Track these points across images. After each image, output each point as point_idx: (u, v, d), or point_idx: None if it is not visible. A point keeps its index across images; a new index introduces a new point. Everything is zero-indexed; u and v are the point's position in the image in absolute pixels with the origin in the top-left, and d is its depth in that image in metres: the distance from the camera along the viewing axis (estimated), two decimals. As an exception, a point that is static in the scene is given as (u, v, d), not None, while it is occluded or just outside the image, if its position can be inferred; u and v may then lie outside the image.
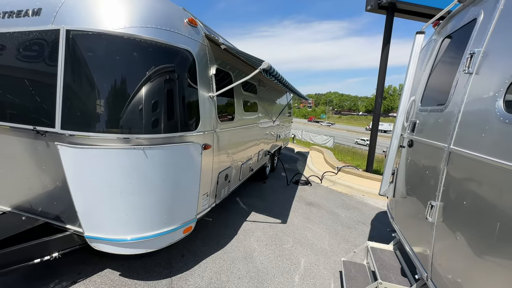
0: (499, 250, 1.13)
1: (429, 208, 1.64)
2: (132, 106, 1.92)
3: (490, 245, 1.18)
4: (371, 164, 7.06)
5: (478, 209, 1.27)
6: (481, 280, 1.23)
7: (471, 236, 1.32)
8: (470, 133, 1.38)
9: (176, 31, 2.20)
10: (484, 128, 1.25)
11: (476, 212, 1.29)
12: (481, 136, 1.26)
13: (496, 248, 1.15)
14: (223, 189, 3.26)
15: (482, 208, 1.24)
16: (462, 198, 1.39)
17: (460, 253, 1.38)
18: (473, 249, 1.29)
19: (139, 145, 1.95)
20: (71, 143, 1.87)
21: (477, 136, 1.31)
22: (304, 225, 3.93)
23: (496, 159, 1.13)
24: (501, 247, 1.12)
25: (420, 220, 1.84)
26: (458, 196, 1.43)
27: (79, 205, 2.03)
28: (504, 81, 1.17)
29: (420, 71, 2.36)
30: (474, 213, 1.30)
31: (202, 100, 2.45)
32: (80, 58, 1.84)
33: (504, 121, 1.13)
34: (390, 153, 2.50)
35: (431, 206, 1.62)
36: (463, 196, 1.39)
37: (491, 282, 1.17)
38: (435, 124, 1.80)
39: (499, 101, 1.17)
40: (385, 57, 6.53)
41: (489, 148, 1.20)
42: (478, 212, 1.27)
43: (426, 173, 1.82)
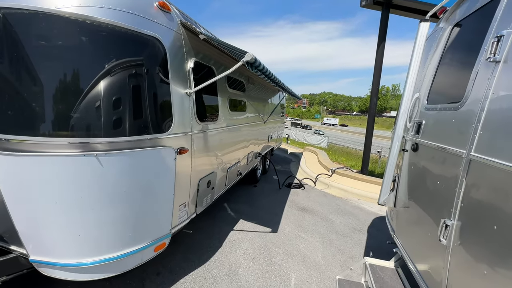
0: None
1: (443, 227, 1.35)
2: (82, 104, 1.57)
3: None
4: (366, 166, 6.82)
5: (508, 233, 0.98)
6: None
7: (501, 267, 1.03)
8: (499, 136, 1.09)
9: (142, 15, 1.85)
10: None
11: (508, 236, 1.00)
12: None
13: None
14: (205, 198, 2.92)
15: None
16: (488, 218, 1.10)
17: (487, 285, 1.09)
18: (504, 284, 1.00)
19: (90, 151, 1.60)
20: (5, 149, 1.51)
21: (509, 141, 1.01)
22: (296, 234, 3.62)
23: None
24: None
25: (429, 239, 1.55)
26: (483, 215, 1.14)
27: (19, 224, 1.66)
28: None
29: (425, 65, 2.08)
30: (506, 238, 1.01)
31: (176, 97, 2.11)
32: (15, 43, 1.48)
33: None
34: (390, 157, 2.21)
35: (445, 226, 1.33)
36: (489, 216, 1.10)
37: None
38: (447, 125, 1.51)
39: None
40: (381, 54, 6.29)
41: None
42: (508, 235, 0.98)
43: (437, 183, 1.53)
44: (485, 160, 1.12)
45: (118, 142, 1.70)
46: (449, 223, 1.31)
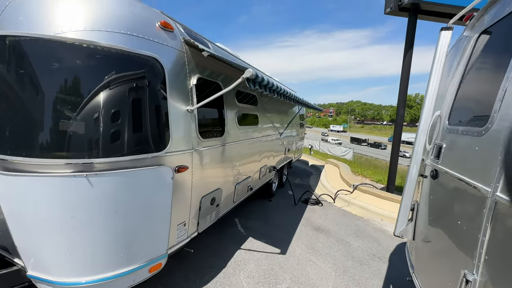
0: None
1: (463, 281, 1.09)
2: (77, 125, 1.60)
3: None
4: (392, 183, 6.26)
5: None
6: None
7: None
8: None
9: (141, 36, 1.88)
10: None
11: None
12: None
13: None
14: (209, 215, 2.83)
15: None
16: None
17: None
18: None
19: (86, 172, 1.60)
20: (6, 169, 1.58)
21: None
22: (307, 258, 3.36)
23: None
24: None
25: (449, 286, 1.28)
26: None
27: (17, 240, 1.72)
28: None
29: (447, 78, 1.81)
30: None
31: (174, 116, 2.08)
32: (16, 68, 1.56)
33: None
34: (408, 183, 1.93)
35: (466, 281, 1.07)
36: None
37: None
38: (469, 153, 1.26)
39: None
40: (408, 63, 5.85)
41: None
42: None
43: (458, 223, 1.27)
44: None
45: (111, 162, 1.69)
46: (470, 278, 1.05)
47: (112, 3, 1.82)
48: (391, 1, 5.81)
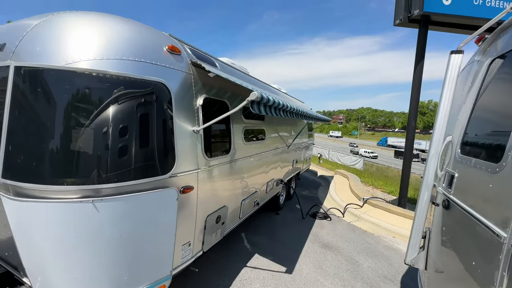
0: None
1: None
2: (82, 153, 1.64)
3: None
4: (404, 196, 6.05)
5: None
6: None
7: None
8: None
9: (148, 61, 1.92)
10: None
11: None
12: None
13: None
14: (214, 234, 2.81)
15: None
16: None
17: None
18: None
19: (91, 197, 1.63)
20: (17, 193, 1.62)
21: None
22: (314, 278, 3.26)
23: None
24: None
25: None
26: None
27: (25, 261, 1.76)
28: None
29: (460, 102, 1.75)
30: None
31: (180, 137, 2.10)
32: (28, 97, 1.62)
33: None
34: (418, 209, 1.86)
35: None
36: None
37: None
38: (483, 189, 1.20)
39: None
40: (419, 74, 5.73)
41: None
42: None
43: (472, 264, 1.19)
44: (533, 257, 0.81)
45: (117, 187, 1.71)
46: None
47: (122, 31, 1.88)
48: (400, 13, 5.76)
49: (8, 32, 1.85)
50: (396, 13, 5.92)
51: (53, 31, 1.72)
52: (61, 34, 1.69)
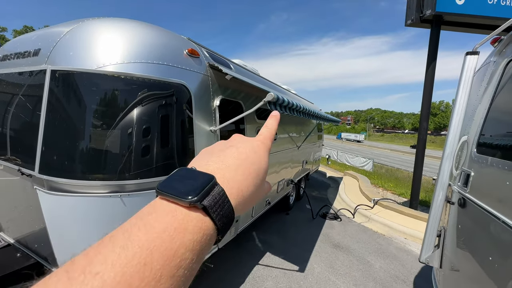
0: None
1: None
2: (115, 151, 1.75)
3: None
4: (416, 199, 5.99)
5: None
6: None
7: None
8: None
9: (171, 64, 2.03)
10: None
11: None
12: None
13: None
14: (228, 231, 2.89)
15: None
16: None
17: None
18: None
19: (120, 192, 1.74)
20: (51, 188, 1.75)
21: None
22: (326, 277, 3.30)
23: None
24: None
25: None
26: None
27: (58, 253, 1.87)
28: None
29: (475, 102, 1.77)
30: None
31: (199, 136, 2.20)
32: (63, 99, 1.75)
33: None
34: (433, 208, 1.88)
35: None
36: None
37: None
38: (501, 187, 1.23)
39: None
40: (431, 76, 5.68)
41: None
42: None
43: (489, 259, 1.23)
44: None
45: (143, 183, 1.82)
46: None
47: (146, 36, 1.99)
48: (412, 13, 5.73)
49: (43, 38, 1.98)
50: (407, 13, 5.89)
51: (84, 37, 1.83)
52: (91, 40, 1.81)
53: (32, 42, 2.05)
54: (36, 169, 1.73)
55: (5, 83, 2.09)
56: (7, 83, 2.08)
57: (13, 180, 2.12)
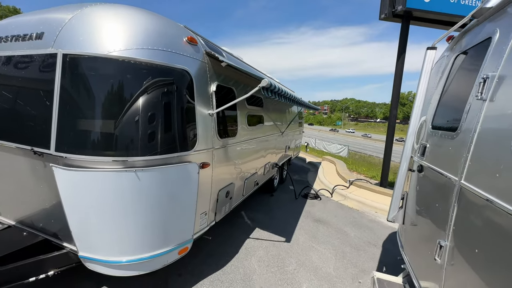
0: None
1: (438, 247, 1.46)
2: (126, 129, 1.91)
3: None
4: (385, 178, 6.69)
5: (492, 259, 1.10)
6: None
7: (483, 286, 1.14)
8: (482, 169, 1.21)
9: (174, 51, 2.18)
10: (498, 167, 1.09)
11: (490, 261, 1.11)
12: (495, 175, 1.10)
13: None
14: (224, 207, 3.17)
15: (496, 259, 1.07)
16: (473, 242, 1.22)
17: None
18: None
19: (131, 167, 1.92)
20: (66, 165, 1.88)
21: (490, 175, 1.14)
22: (310, 245, 3.74)
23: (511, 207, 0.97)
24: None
25: (429, 257, 1.65)
26: (470, 239, 1.25)
27: (73, 226, 2.03)
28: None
29: (432, 89, 2.18)
30: (487, 262, 1.12)
31: (200, 119, 2.40)
32: (76, 81, 1.86)
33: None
34: (399, 176, 2.31)
35: (440, 246, 1.44)
36: (474, 241, 1.21)
37: None
38: (445, 151, 1.63)
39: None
40: (401, 67, 6.25)
41: (503, 192, 1.04)
42: (492, 261, 1.10)
43: (435, 205, 1.64)
44: (471, 189, 1.24)
45: (152, 160, 2.01)
46: (443, 244, 1.43)
47: (152, 24, 2.12)
48: (385, 8, 6.18)
49: (45, 22, 2.03)
50: (381, 8, 6.33)
51: (91, 23, 1.93)
52: (99, 25, 1.91)
53: (32, 25, 2.08)
54: (52, 147, 1.85)
55: (6, 65, 2.11)
56: (8, 65, 2.10)
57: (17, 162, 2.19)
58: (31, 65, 1.98)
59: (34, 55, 1.95)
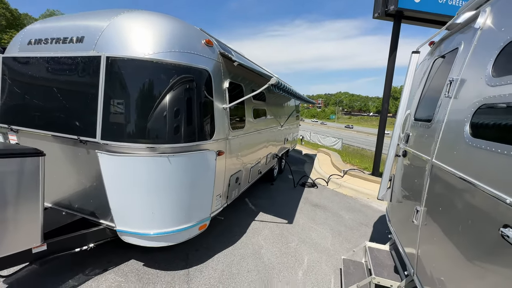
0: (467, 251, 1.37)
1: (415, 212, 1.88)
2: (157, 120, 2.25)
3: (462, 246, 1.41)
4: (377, 168, 7.19)
5: (451, 216, 1.51)
6: (457, 277, 1.47)
7: (447, 238, 1.56)
8: (446, 150, 1.62)
9: (195, 53, 2.51)
10: (456, 147, 1.49)
11: (450, 217, 1.52)
12: (453, 153, 1.50)
13: (465, 250, 1.38)
14: (234, 191, 3.56)
15: (454, 215, 1.48)
16: (439, 204, 1.63)
17: (439, 253, 1.62)
18: (449, 250, 1.52)
19: (163, 153, 2.27)
20: (109, 151, 2.22)
21: (451, 153, 1.54)
22: (309, 226, 4.18)
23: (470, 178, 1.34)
24: (467, 248, 1.36)
25: (409, 222, 2.08)
26: (437, 202, 1.67)
27: (113, 203, 2.38)
28: (470, 109, 1.40)
29: (416, 87, 2.58)
30: (448, 219, 1.54)
31: (217, 112, 2.75)
32: (117, 79, 2.18)
33: (468, 143, 1.36)
34: (388, 161, 2.72)
35: (416, 211, 1.86)
36: (440, 203, 1.63)
37: (464, 278, 1.41)
38: (422, 138, 2.04)
39: (466, 125, 1.41)
40: (392, 63, 6.66)
41: (459, 164, 1.44)
42: (451, 217, 1.51)
43: (415, 181, 2.06)
44: (439, 165, 1.65)
45: (179, 147, 2.36)
46: (419, 209, 1.84)
47: (177, 30, 2.44)
48: (378, 7, 6.54)
49: (85, 28, 2.33)
50: (375, 7, 6.69)
51: (127, 29, 2.24)
52: (135, 32, 2.23)
53: (71, 30, 2.38)
54: (98, 136, 2.18)
55: (49, 65, 2.40)
56: (52, 65, 2.39)
57: (59, 150, 2.51)
58: (75, 65, 2.28)
59: (77, 57, 2.26)
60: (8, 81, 2.64)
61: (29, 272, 2.59)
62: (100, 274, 2.66)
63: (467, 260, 1.35)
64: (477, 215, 1.27)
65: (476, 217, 1.28)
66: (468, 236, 1.33)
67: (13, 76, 2.62)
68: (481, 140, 1.26)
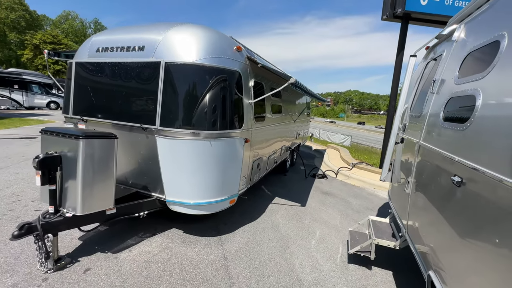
0: (441, 212, 1.88)
1: (407, 183, 2.40)
2: (200, 111, 2.85)
3: (439, 207, 1.93)
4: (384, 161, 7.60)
5: (431, 183, 2.03)
6: (435, 233, 1.99)
7: (427, 201, 2.07)
8: (429, 133, 2.13)
9: (229, 57, 3.10)
10: (435, 130, 2.01)
11: (430, 185, 2.04)
12: (432, 135, 2.02)
13: (440, 211, 1.90)
14: (256, 175, 4.14)
15: (433, 182, 2.00)
16: (424, 175, 2.15)
17: (422, 213, 2.14)
18: (428, 208, 2.04)
19: (205, 138, 2.87)
20: (165, 136, 2.83)
21: (431, 135, 2.06)
22: (320, 208, 4.72)
23: (439, 149, 1.87)
24: (439, 208, 1.87)
25: (403, 193, 2.60)
26: (421, 174, 2.19)
27: (165, 178, 3.00)
28: (444, 101, 1.92)
29: (412, 86, 3.07)
30: (429, 186, 2.05)
31: (245, 106, 3.33)
32: (172, 79, 2.79)
33: (442, 126, 1.88)
34: (389, 147, 3.23)
35: (408, 182, 2.38)
36: (423, 174, 2.15)
37: (440, 234, 1.93)
38: (415, 126, 2.55)
39: (441, 114, 1.92)
40: (399, 62, 7.06)
41: (436, 142, 1.96)
42: (431, 184, 2.03)
43: (408, 160, 2.57)
44: (424, 144, 2.16)
45: (217, 133, 2.95)
46: (410, 180, 2.36)
47: (216, 39, 3.03)
48: (387, 10, 6.94)
49: (144, 39, 2.95)
50: (383, 9, 7.09)
51: (179, 40, 2.84)
52: (185, 42, 2.83)
53: (133, 41, 3.00)
54: (157, 123, 2.80)
55: (116, 68, 3.03)
56: (118, 68, 3.02)
57: (123, 136, 3.15)
58: (138, 68, 2.90)
59: (141, 62, 2.88)
60: (80, 82, 3.31)
61: (99, 232, 3.26)
62: (151, 237, 3.30)
63: (436, 209, 1.86)
64: (441, 173, 1.80)
65: (440, 174, 1.80)
66: (437, 190, 1.85)
67: (84, 77, 3.29)
68: (448, 122, 1.78)
